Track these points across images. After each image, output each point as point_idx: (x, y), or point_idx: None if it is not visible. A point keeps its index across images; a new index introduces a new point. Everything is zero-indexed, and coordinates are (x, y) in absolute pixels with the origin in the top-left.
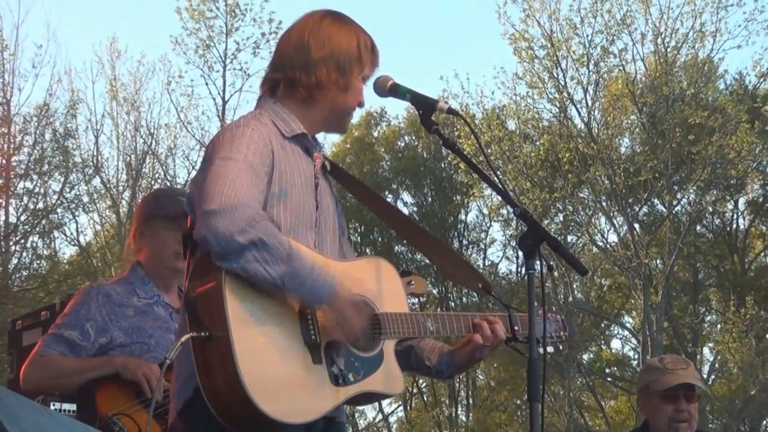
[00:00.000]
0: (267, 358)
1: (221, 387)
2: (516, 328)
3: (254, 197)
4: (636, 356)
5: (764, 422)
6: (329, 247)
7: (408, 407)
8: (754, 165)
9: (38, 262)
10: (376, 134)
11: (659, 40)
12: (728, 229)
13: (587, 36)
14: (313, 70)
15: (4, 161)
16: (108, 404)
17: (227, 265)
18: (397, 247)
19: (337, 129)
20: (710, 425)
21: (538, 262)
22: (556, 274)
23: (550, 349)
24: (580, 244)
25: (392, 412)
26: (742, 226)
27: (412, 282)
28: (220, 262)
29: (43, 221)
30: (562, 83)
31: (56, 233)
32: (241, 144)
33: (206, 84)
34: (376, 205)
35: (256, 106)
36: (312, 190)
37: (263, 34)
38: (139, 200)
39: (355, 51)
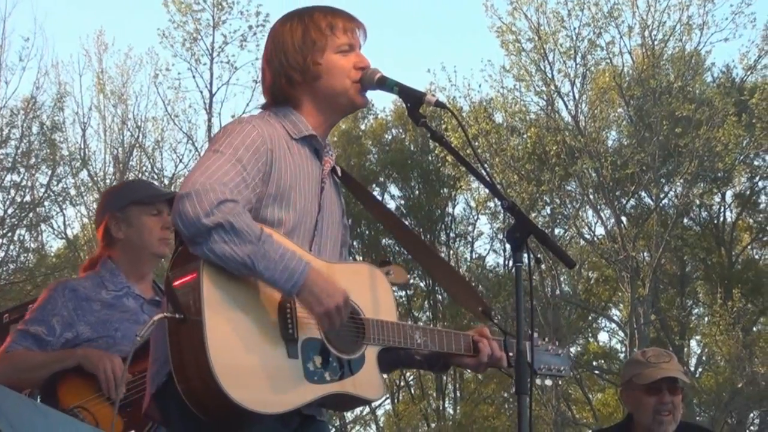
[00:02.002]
0: (239, 346)
1: (191, 373)
2: (510, 354)
3: (231, 187)
4: (623, 349)
5: (751, 415)
6: (329, 253)
7: (395, 400)
8: (741, 158)
9: (25, 255)
10: (363, 127)
11: (646, 33)
12: (715, 221)
13: (574, 29)
14: (273, 89)
15: None
16: (70, 396)
17: (198, 249)
18: (384, 240)
19: (347, 109)
20: (697, 418)
21: (525, 255)
22: (543, 266)
23: (548, 381)
24: (568, 237)
25: (379, 405)
26: (729, 219)
27: (391, 271)
28: (191, 247)
29: (30, 214)
30: (550, 76)
31: (43, 226)
32: (234, 139)
33: (193, 77)
34: (383, 215)
35: (267, 107)
36: (316, 193)
37: (250, 27)
38: (103, 194)
39: (301, 41)
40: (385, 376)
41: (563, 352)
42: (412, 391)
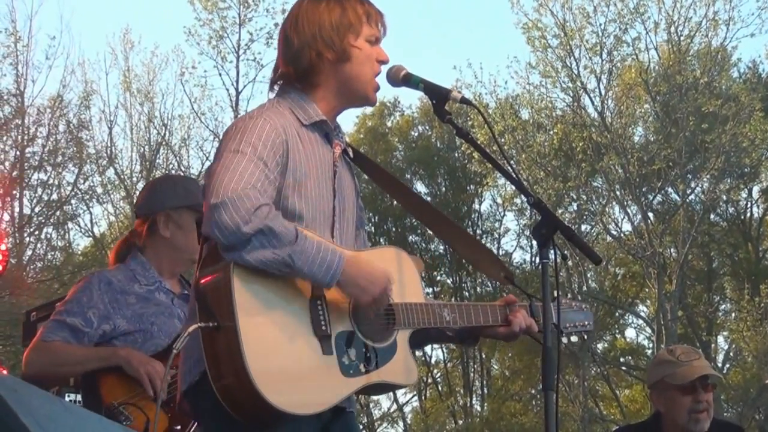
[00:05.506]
0: (275, 349)
1: (229, 378)
2: (537, 318)
3: (260, 188)
4: (650, 345)
5: None
6: (347, 236)
7: (423, 397)
8: None
9: (52, 253)
10: (389, 124)
11: (672, 29)
12: (742, 217)
13: (600, 25)
14: (298, 60)
15: (18, 153)
16: (112, 393)
17: (236, 256)
18: (411, 237)
19: (361, 101)
20: (725, 414)
21: (552, 252)
22: (570, 263)
23: (574, 338)
24: (594, 234)
25: (407, 402)
26: (756, 215)
27: None
28: (228, 254)
29: (57, 212)
30: (576, 72)
31: (70, 224)
32: (251, 136)
33: (219, 75)
34: (399, 192)
35: (277, 94)
36: (330, 178)
37: (276, 25)
38: (156, 185)
39: (339, 20)
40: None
41: (585, 307)
42: (440, 388)
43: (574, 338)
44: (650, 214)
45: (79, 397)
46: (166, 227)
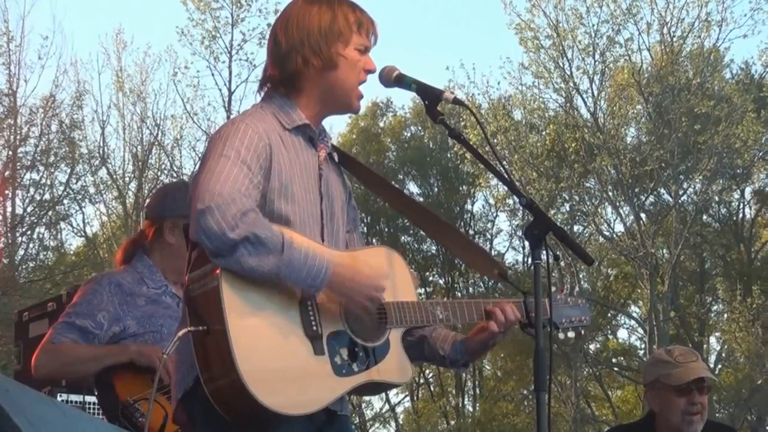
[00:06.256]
0: (266, 351)
1: (221, 381)
2: (532, 314)
3: (246, 193)
4: (643, 346)
5: None
6: (337, 239)
7: (415, 397)
8: (761, 154)
9: (45, 253)
10: (382, 124)
11: (665, 30)
12: (734, 218)
13: (593, 26)
14: (285, 63)
15: (10, 152)
16: (127, 390)
17: (223, 262)
18: (403, 238)
19: (344, 108)
20: (717, 415)
21: (544, 252)
22: (562, 263)
23: (570, 333)
24: (587, 234)
25: (399, 402)
26: (748, 216)
27: None
28: (215, 259)
29: (50, 212)
30: (568, 73)
31: (63, 224)
32: (234, 140)
33: (212, 75)
34: (388, 193)
35: (262, 99)
36: (315, 181)
37: (269, 25)
38: (168, 190)
39: (329, 26)
40: None
41: (582, 302)
42: (432, 389)
43: (570, 333)
44: (642, 215)
45: (71, 397)
46: (172, 234)
